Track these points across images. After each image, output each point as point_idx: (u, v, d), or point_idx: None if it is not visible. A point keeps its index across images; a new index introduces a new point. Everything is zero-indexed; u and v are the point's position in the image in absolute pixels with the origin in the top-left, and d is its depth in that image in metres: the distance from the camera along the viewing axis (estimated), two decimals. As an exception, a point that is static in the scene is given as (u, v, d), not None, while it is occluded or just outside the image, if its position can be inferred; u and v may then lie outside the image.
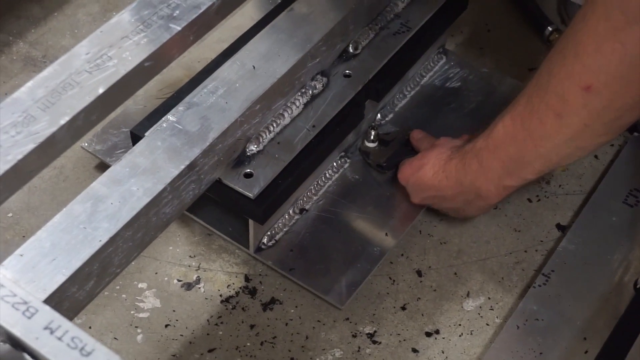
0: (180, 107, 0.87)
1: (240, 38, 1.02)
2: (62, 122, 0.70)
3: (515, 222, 1.04)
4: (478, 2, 1.23)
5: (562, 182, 1.08)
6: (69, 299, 0.70)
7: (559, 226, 1.03)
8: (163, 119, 0.87)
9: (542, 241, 1.02)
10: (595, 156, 1.10)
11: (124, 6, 1.25)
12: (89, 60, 0.74)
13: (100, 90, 0.72)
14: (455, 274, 0.99)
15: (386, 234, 1.00)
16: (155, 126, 0.86)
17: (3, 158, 0.67)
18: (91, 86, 0.72)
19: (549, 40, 1.21)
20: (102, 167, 1.04)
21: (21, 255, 0.70)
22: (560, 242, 1.01)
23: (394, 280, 0.98)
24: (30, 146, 0.68)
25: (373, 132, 1.05)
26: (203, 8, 0.79)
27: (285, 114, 0.95)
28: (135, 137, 0.94)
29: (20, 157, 0.68)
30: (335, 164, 1.05)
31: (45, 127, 0.70)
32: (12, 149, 0.68)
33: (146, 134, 0.86)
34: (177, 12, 0.79)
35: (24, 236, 0.99)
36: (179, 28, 0.78)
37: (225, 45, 1.01)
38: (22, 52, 1.18)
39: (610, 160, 1.10)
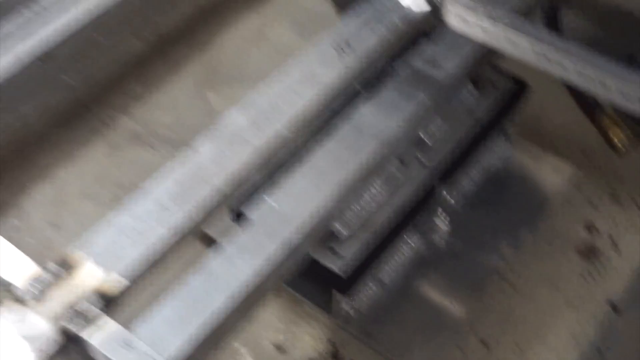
0: (278, 192, 0.99)
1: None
2: (190, 211, 0.82)
3: (571, 298, 1.13)
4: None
5: (614, 261, 1.17)
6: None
7: (611, 305, 1.13)
8: (263, 198, 0.98)
9: (595, 316, 1.12)
10: (644, 236, 1.20)
11: (218, 86, 1.39)
12: (212, 158, 0.87)
13: (222, 189, 0.85)
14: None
15: (455, 305, 1.11)
16: (255, 204, 0.98)
17: (141, 242, 0.79)
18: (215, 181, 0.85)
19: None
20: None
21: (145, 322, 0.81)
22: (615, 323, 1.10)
23: (462, 350, 1.08)
24: (163, 231, 0.80)
25: (443, 214, 1.17)
26: (304, 114, 0.91)
27: (367, 197, 1.07)
28: (233, 212, 1.06)
29: (155, 241, 0.80)
30: (410, 240, 1.16)
31: (175, 216, 0.82)
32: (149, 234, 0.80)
33: (246, 212, 0.98)
34: (282, 115, 0.91)
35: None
36: (285, 131, 0.90)
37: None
38: (128, 127, 1.32)
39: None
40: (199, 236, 1.16)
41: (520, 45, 0.97)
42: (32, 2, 1.22)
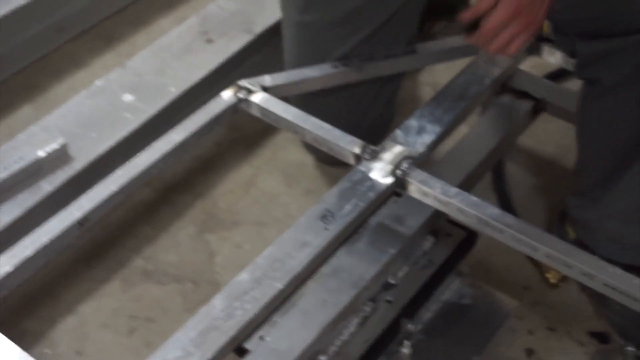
0: (273, 331, 1.20)
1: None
2: (208, 356, 1.03)
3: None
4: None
5: (548, 382, 1.39)
6: None
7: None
8: (256, 337, 1.19)
9: None
10: (574, 361, 1.42)
11: (215, 230, 1.60)
12: (223, 310, 1.08)
13: (232, 333, 1.06)
14: None
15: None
16: (249, 341, 1.18)
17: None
18: (226, 329, 1.06)
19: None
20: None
21: None
22: None
23: None
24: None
25: (406, 342, 1.38)
26: (296, 271, 1.14)
27: (345, 332, 1.28)
28: (238, 349, 1.27)
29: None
30: (380, 363, 1.37)
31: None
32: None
33: (249, 348, 1.19)
34: (278, 273, 1.13)
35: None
36: (281, 286, 1.12)
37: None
38: (140, 266, 1.53)
39: (585, 365, 1.41)
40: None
41: (467, 214, 1.21)
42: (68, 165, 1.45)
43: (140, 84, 1.64)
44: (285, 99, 1.42)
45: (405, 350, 1.39)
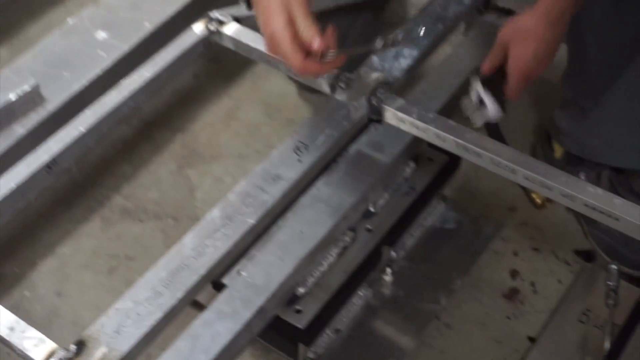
0: (250, 265, 1.18)
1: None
2: (179, 295, 1.01)
3: (497, 335, 1.34)
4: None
5: (533, 303, 1.37)
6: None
7: (530, 338, 1.33)
8: (234, 272, 1.18)
9: (517, 350, 1.32)
10: (559, 280, 1.40)
11: (196, 165, 1.57)
12: (194, 249, 1.06)
13: (202, 271, 1.04)
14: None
15: (400, 345, 1.31)
16: (228, 276, 1.17)
17: (141, 324, 0.99)
18: (197, 268, 1.04)
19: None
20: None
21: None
22: (530, 352, 1.30)
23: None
24: (159, 314, 1.00)
25: (389, 270, 1.37)
26: (268, 205, 1.11)
27: (324, 262, 1.26)
28: (214, 282, 1.25)
29: (153, 322, 0.99)
30: (361, 294, 1.35)
31: (167, 300, 1.01)
32: (147, 317, 1.00)
33: (224, 281, 1.17)
34: (251, 208, 1.11)
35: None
36: (252, 221, 1.09)
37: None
38: (119, 204, 1.50)
39: (570, 284, 1.39)
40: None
41: (445, 139, 1.18)
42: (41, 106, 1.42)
43: (114, 21, 1.59)
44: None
45: (387, 277, 1.38)
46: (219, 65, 1.74)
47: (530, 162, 1.14)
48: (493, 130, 1.62)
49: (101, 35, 1.56)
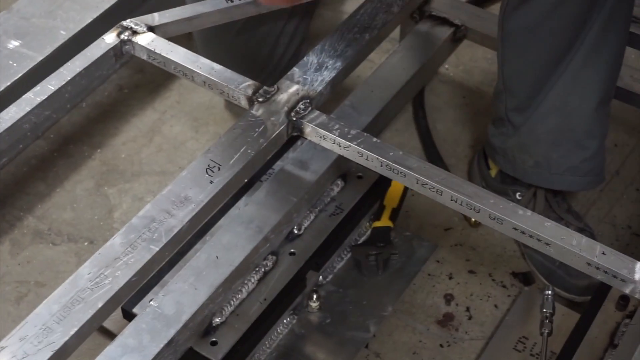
0: (161, 294, 1.09)
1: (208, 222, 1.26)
2: (72, 332, 0.92)
3: (430, 365, 1.26)
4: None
5: (468, 329, 1.30)
6: None
7: (464, 368, 1.26)
8: (147, 301, 1.09)
9: (451, 380, 1.25)
10: (495, 305, 1.33)
11: (115, 183, 1.48)
12: (91, 279, 0.97)
13: (100, 304, 0.95)
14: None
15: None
16: (140, 305, 1.09)
17: (29, 365, 0.89)
18: (93, 301, 0.95)
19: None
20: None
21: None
22: (465, 381, 1.23)
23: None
24: (48, 354, 0.90)
25: (315, 296, 1.28)
26: (175, 231, 1.02)
27: (243, 290, 1.18)
28: (126, 312, 1.16)
29: (41, 363, 0.90)
30: (286, 322, 1.27)
31: (59, 337, 0.92)
32: (35, 356, 0.90)
33: (135, 311, 1.09)
34: (156, 234, 1.02)
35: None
36: (157, 249, 1.00)
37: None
38: (31, 226, 1.41)
39: (507, 310, 1.32)
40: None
41: (369, 158, 1.10)
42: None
43: (27, 28, 1.50)
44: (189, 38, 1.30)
45: (314, 303, 1.30)
46: (144, 76, 1.65)
47: (457, 182, 1.07)
48: (428, 145, 1.55)
49: (13, 44, 1.47)
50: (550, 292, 1.18)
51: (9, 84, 1.39)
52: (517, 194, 1.38)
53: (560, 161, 1.31)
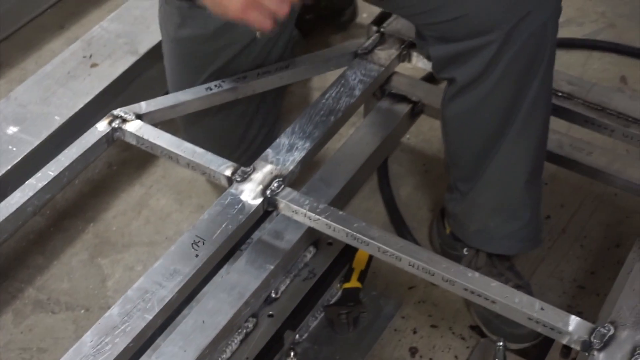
0: (153, 357, 1.22)
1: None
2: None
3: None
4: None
5: (431, 379, 1.43)
6: None
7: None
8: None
9: None
10: (456, 356, 1.46)
11: (108, 254, 1.60)
12: (93, 347, 1.09)
13: (100, 371, 1.08)
14: None
15: None
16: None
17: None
18: (95, 367, 1.08)
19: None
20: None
21: None
22: None
23: None
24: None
25: (292, 353, 1.41)
26: (166, 300, 1.15)
27: (227, 350, 1.30)
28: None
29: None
30: (265, 378, 1.40)
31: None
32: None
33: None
34: (149, 304, 1.15)
35: None
36: (150, 317, 1.13)
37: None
38: (32, 296, 1.52)
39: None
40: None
41: (336, 229, 1.24)
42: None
43: (25, 115, 1.64)
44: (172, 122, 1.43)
45: (292, 359, 1.42)
46: (131, 153, 1.78)
47: (414, 249, 1.21)
48: (393, 210, 1.69)
49: (11, 130, 1.60)
50: (502, 343, 1.31)
51: (9, 167, 1.53)
52: (464, 249, 1.52)
53: (497, 229, 1.46)
